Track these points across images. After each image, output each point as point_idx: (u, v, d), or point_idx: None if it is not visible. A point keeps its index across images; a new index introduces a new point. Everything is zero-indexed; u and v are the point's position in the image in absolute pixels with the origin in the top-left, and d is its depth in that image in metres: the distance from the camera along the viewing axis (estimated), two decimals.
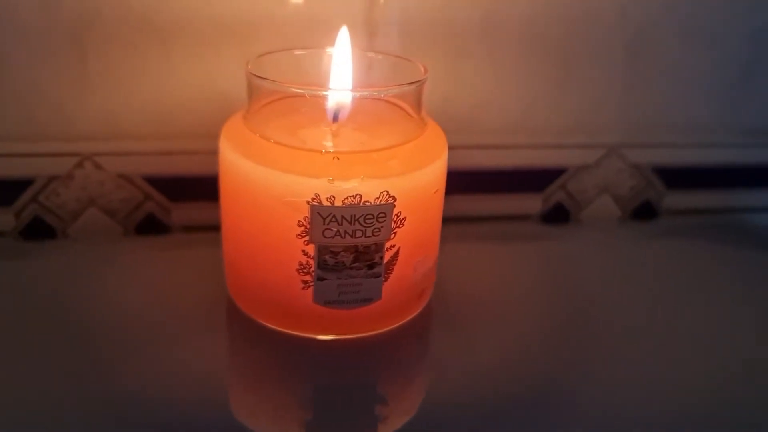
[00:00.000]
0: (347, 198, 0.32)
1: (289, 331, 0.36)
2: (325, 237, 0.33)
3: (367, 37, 0.45)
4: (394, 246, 0.34)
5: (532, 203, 0.51)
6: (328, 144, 0.35)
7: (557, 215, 0.52)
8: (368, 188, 0.32)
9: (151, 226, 0.47)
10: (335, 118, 0.35)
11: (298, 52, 0.38)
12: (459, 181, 0.49)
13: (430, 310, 0.39)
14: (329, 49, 0.37)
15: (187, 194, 0.46)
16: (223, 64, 0.44)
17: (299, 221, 0.32)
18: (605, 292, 0.43)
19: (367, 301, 0.35)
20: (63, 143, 0.44)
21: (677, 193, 0.53)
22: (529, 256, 0.47)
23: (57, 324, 0.37)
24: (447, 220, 0.45)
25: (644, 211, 0.53)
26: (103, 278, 0.41)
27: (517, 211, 0.51)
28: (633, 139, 0.51)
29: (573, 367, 0.36)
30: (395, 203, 0.33)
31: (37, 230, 0.45)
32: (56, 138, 0.44)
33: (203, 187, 0.46)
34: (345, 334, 0.36)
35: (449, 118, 0.47)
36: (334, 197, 0.32)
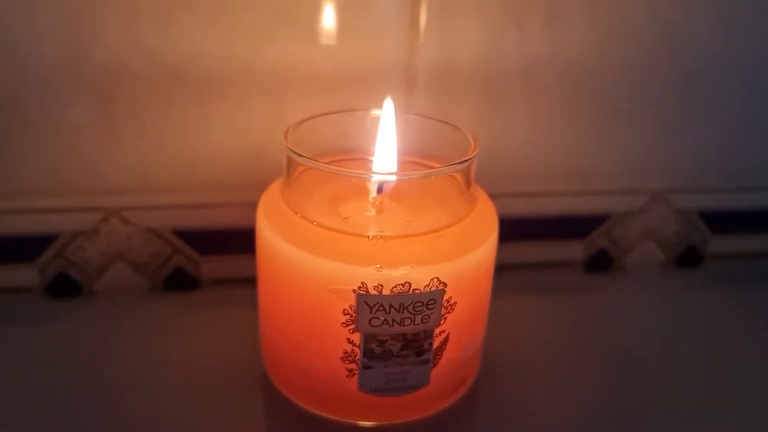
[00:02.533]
0: (396, 286, 0.30)
1: (331, 417, 0.34)
2: (371, 326, 0.31)
3: (407, 85, 0.42)
4: (444, 332, 0.32)
5: (574, 250, 0.49)
6: (372, 224, 0.33)
7: (600, 262, 0.50)
8: (418, 275, 0.30)
9: (180, 280, 0.45)
10: (379, 190, 0.33)
11: (339, 114, 0.36)
12: (500, 229, 0.47)
13: (477, 382, 0.37)
14: (374, 112, 0.35)
15: (217, 247, 0.44)
16: (253, 115, 0.42)
17: (344, 309, 0.31)
18: (654, 348, 0.42)
19: (415, 387, 0.33)
20: (89, 197, 0.42)
21: (723, 237, 0.51)
22: (572, 309, 0.45)
23: (78, 386, 0.36)
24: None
25: (689, 257, 0.51)
26: (128, 340, 0.40)
27: (558, 258, 0.49)
28: (679, 184, 0.48)
29: None
30: (446, 289, 0.31)
31: (63, 286, 0.44)
32: (83, 192, 0.42)
33: (233, 239, 0.44)
34: (389, 420, 0.34)
35: (491, 165, 0.45)
36: (381, 286, 0.30)
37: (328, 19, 0.40)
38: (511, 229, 0.47)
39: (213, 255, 0.45)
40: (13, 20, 0.37)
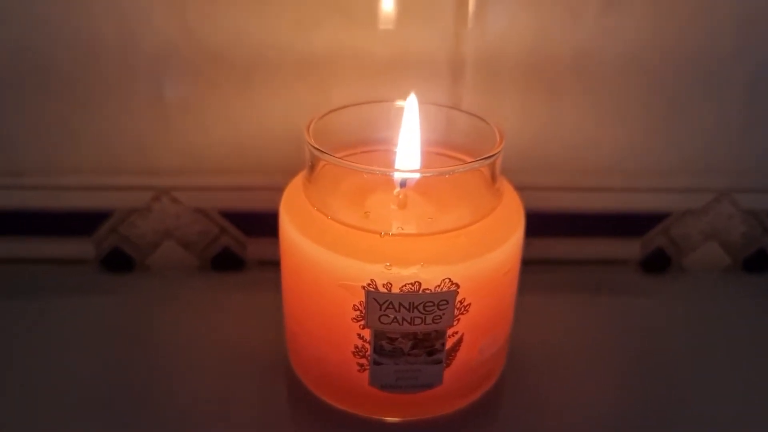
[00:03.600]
0: (405, 285, 0.30)
1: (346, 409, 0.34)
2: (381, 323, 0.31)
3: (453, 75, 0.42)
4: (457, 333, 0.32)
5: (630, 248, 0.47)
6: (393, 220, 0.33)
7: (658, 261, 0.48)
8: (428, 275, 0.30)
9: (226, 260, 0.46)
10: (403, 185, 0.33)
11: (364, 105, 0.36)
12: (552, 224, 0.46)
13: (502, 380, 0.37)
14: (398, 102, 0.34)
15: (263, 229, 0.45)
16: (299, 100, 0.42)
17: (355, 305, 0.31)
18: (711, 356, 0.39)
19: (427, 386, 0.33)
20: (141, 177, 0.44)
21: None
22: (624, 309, 0.44)
23: (121, 355, 0.38)
24: (536, 262, 0.43)
25: (758, 261, 0.48)
26: (171, 315, 0.41)
27: (614, 256, 0.48)
28: (747, 183, 0.45)
29: None
30: (458, 290, 0.30)
31: (117, 260, 0.46)
32: (135, 172, 0.43)
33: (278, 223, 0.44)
34: (404, 416, 0.34)
35: (542, 157, 0.44)
36: (390, 284, 0.30)
37: (375, 5, 0.40)
38: (564, 224, 0.46)
39: (259, 237, 0.46)
40: (72, 7, 0.39)
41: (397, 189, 0.33)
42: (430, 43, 0.41)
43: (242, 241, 0.46)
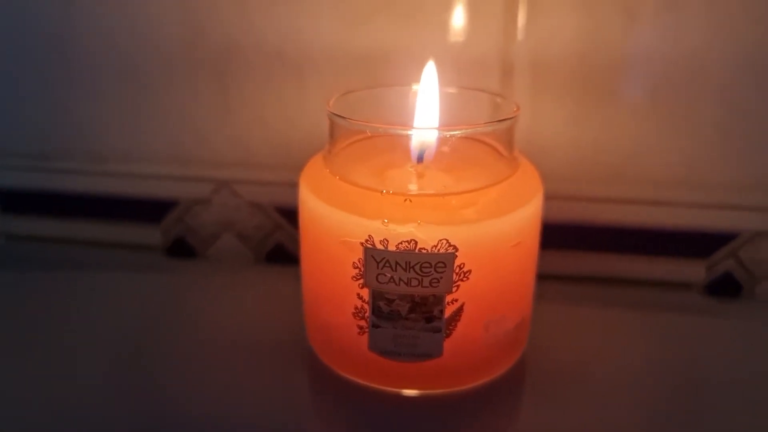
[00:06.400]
0: (401, 243, 0.30)
1: (350, 377, 0.34)
2: (379, 282, 0.31)
3: (502, 75, 0.42)
4: (456, 300, 0.31)
5: (695, 270, 0.44)
6: (413, 186, 0.33)
7: (726, 287, 0.44)
8: (425, 234, 0.30)
9: (280, 255, 0.48)
10: (420, 159, 0.33)
11: (383, 89, 0.37)
12: (606, 238, 0.44)
13: (514, 374, 0.35)
14: (415, 86, 0.35)
15: None
16: None
17: (354, 263, 0.31)
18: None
19: (426, 356, 0.32)
20: (204, 168, 0.46)
21: None
22: (681, 331, 0.41)
23: (160, 335, 0.39)
24: (590, 280, 0.43)
25: None
26: (225, 302, 0.43)
27: (676, 278, 0.45)
28: None
29: None
30: (457, 253, 0.30)
31: (181, 249, 0.48)
32: (198, 163, 0.46)
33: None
34: (405, 388, 0.33)
35: (597, 167, 0.43)
36: (387, 241, 0.30)
37: (424, 3, 0.41)
38: (620, 238, 0.44)
39: None
40: (141, 2, 0.43)
41: (414, 161, 0.34)
42: (481, 41, 0.41)
43: (296, 237, 0.47)
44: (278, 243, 0.47)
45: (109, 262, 0.47)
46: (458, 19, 0.41)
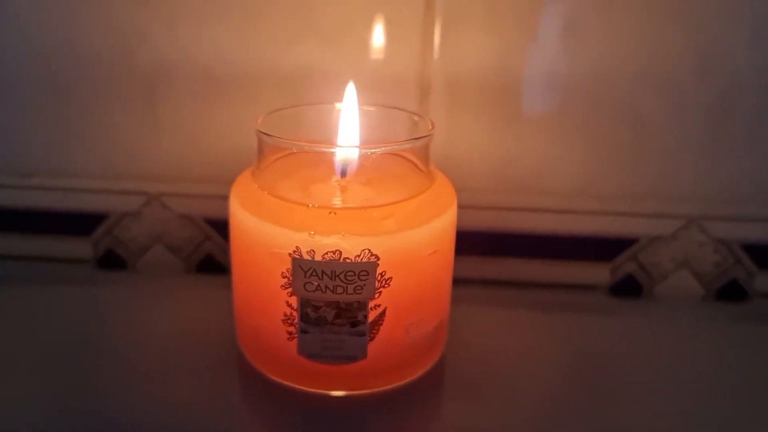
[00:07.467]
0: (327, 253, 0.32)
1: (280, 380, 0.36)
2: (306, 290, 0.33)
3: (420, 93, 0.44)
4: (378, 306, 0.33)
5: (599, 273, 0.48)
6: (337, 200, 0.35)
7: (628, 288, 0.48)
8: (349, 245, 0.32)
9: (210, 266, 0.49)
10: (343, 174, 0.36)
11: (307, 107, 0.39)
12: (517, 244, 0.47)
13: (434, 373, 0.38)
14: (338, 105, 0.37)
15: None
16: None
17: (283, 272, 0.33)
18: (675, 380, 0.39)
19: (352, 358, 0.34)
20: (134, 182, 0.47)
21: None
22: (589, 329, 0.44)
23: (92, 346, 0.40)
24: (503, 283, 0.47)
25: (731, 292, 0.48)
26: (155, 312, 0.44)
27: (582, 280, 0.48)
28: (718, 210, 0.46)
29: None
30: (378, 262, 0.32)
31: (112, 261, 0.49)
32: (129, 177, 0.47)
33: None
34: (332, 389, 0.35)
35: (508, 179, 0.46)
36: (314, 251, 0.32)
37: (346, 26, 0.43)
38: (530, 245, 0.47)
39: None
40: (73, 20, 0.44)
41: (337, 177, 0.36)
42: (397, 62, 0.44)
43: (225, 248, 0.49)
44: (208, 253, 0.49)
45: (40, 276, 0.48)
46: (378, 39, 0.44)
